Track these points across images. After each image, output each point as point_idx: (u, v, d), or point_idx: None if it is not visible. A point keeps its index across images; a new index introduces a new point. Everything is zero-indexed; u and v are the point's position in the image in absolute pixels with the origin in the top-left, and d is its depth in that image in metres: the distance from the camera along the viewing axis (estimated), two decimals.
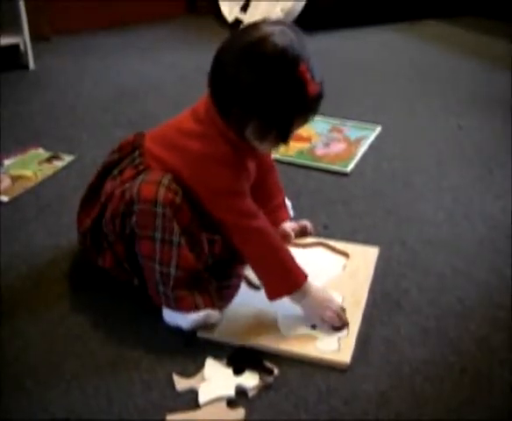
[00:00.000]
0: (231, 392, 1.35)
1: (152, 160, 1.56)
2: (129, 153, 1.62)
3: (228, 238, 1.55)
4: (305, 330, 1.52)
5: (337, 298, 1.60)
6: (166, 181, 1.47)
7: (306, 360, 1.44)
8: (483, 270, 1.74)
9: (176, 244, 1.47)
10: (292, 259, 1.56)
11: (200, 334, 1.51)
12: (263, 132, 1.50)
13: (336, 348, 1.45)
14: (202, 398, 1.34)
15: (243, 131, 1.50)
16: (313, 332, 1.51)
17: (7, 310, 1.63)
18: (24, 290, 1.70)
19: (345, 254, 1.79)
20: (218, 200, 1.53)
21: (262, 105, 1.45)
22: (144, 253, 1.50)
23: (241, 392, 1.36)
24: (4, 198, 2.14)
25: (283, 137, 1.51)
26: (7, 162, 2.40)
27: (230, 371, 1.41)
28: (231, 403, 1.34)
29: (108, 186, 1.60)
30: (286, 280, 1.53)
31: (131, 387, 1.38)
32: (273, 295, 1.54)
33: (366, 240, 1.85)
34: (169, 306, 1.51)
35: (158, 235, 1.47)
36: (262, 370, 1.40)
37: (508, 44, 3.66)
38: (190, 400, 1.35)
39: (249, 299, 1.63)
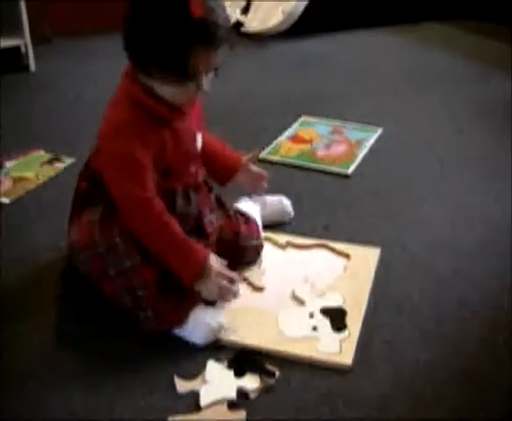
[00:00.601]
0: (233, 394, 1.36)
1: (94, 161, 1.58)
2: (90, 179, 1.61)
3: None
4: (306, 332, 1.52)
5: (339, 300, 1.61)
6: (96, 215, 1.48)
7: (307, 362, 1.44)
8: (484, 273, 1.74)
9: (131, 267, 1.46)
10: (189, 241, 1.51)
11: None
12: (163, 71, 1.43)
13: (337, 350, 1.46)
14: (203, 400, 1.35)
15: (149, 74, 1.45)
16: (314, 334, 1.51)
17: (7, 311, 1.64)
18: (24, 291, 1.70)
19: (346, 256, 1.79)
20: (115, 171, 1.48)
21: (154, 41, 1.39)
22: (110, 295, 1.50)
23: (242, 394, 1.36)
24: (6, 200, 2.14)
25: (183, 72, 1.41)
26: (8, 164, 2.40)
27: (231, 373, 1.41)
28: (233, 405, 1.34)
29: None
30: (190, 260, 1.50)
31: (132, 389, 1.38)
32: (187, 280, 1.50)
33: (367, 242, 1.85)
34: (157, 328, 1.51)
35: (112, 271, 1.47)
36: (263, 372, 1.40)
37: (509, 47, 3.66)
38: (191, 402, 1.35)
39: (250, 301, 1.64)
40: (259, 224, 1.83)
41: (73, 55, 3.80)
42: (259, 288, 1.68)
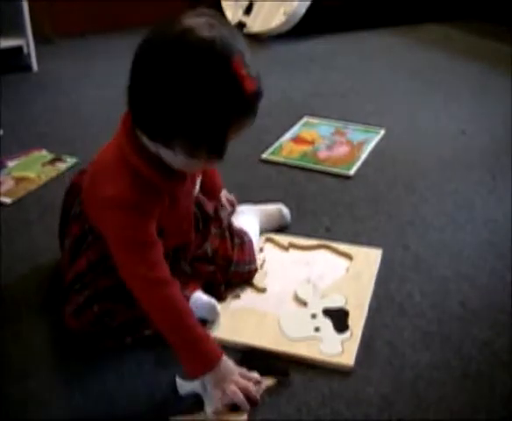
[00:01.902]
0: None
1: (86, 209, 1.49)
2: (70, 206, 1.59)
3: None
4: (308, 332, 1.52)
5: (341, 301, 1.61)
6: (80, 300, 1.47)
7: (309, 363, 1.44)
8: (485, 274, 1.73)
9: (124, 325, 1.47)
10: (207, 337, 1.37)
11: None
12: (193, 147, 1.27)
13: (339, 351, 1.45)
14: (206, 402, 1.34)
15: (169, 148, 1.29)
16: (316, 335, 1.51)
17: (9, 311, 1.64)
18: (26, 292, 1.70)
19: (348, 257, 1.79)
20: (123, 253, 1.37)
21: (193, 111, 1.21)
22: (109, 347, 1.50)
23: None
24: (7, 200, 2.14)
25: (219, 150, 1.27)
26: (10, 164, 2.40)
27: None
28: (235, 406, 1.33)
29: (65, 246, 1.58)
30: (201, 358, 1.33)
31: (134, 390, 1.38)
32: (191, 374, 1.34)
33: (369, 244, 1.85)
34: None
35: (109, 342, 1.49)
36: (278, 372, 1.40)
37: (509, 47, 3.66)
38: (193, 403, 1.35)
39: (252, 302, 1.64)
40: (255, 239, 1.79)
41: (75, 55, 3.81)
42: (261, 290, 1.67)
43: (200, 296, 1.55)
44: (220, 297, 1.61)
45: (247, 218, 1.84)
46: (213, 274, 1.62)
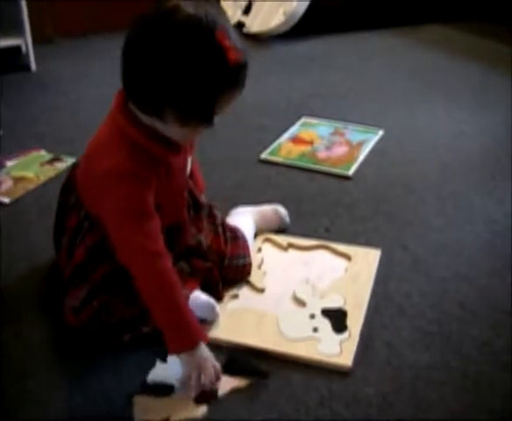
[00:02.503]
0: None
1: (83, 196, 1.53)
2: (66, 198, 1.60)
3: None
4: (307, 333, 1.52)
5: (340, 301, 1.61)
6: (77, 302, 1.48)
7: (307, 363, 1.44)
8: (485, 275, 1.73)
9: (122, 322, 1.48)
10: (190, 315, 1.40)
11: None
12: (184, 116, 1.33)
13: (337, 351, 1.45)
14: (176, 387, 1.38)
15: (161, 118, 1.35)
16: (315, 335, 1.51)
17: (8, 311, 1.64)
18: (24, 291, 1.70)
19: (347, 257, 1.79)
20: (121, 223, 1.39)
21: (178, 85, 1.28)
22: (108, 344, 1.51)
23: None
24: (6, 200, 2.14)
25: (208, 117, 1.34)
26: (9, 164, 2.40)
27: None
28: (199, 400, 1.35)
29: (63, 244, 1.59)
30: (185, 337, 1.37)
31: (132, 390, 1.38)
32: (172, 350, 1.38)
33: (368, 244, 1.85)
34: None
35: (108, 340, 1.49)
36: (256, 374, 1.40)
37: (510, 48, 3.66)
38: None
39: (251, 302, 1.63)
40: (250, 238, 1.79)
41: (74, 55, 3.81)
42: (260, 290, 1.67)
43: (199, 296, 1.54)
44: (218, 296, 1.61)
45: (242, 218, 1.84)
46: (210, 271, 1.61)
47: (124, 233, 1.39)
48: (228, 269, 1.66)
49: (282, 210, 1.93)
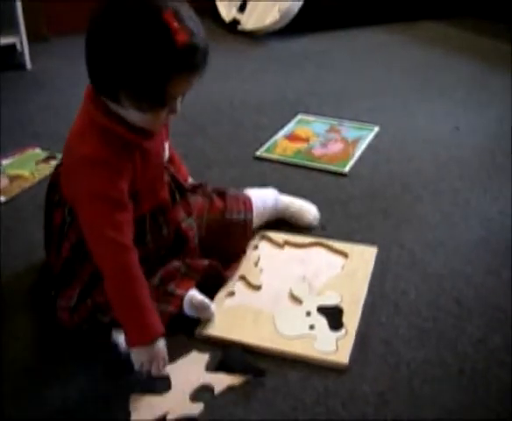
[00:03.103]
0: (195, 386, 1.38)
1: (64, 191, 1.54)
2: (52, 195, 1.61)
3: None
4: (303, 330, 1.52)
5: (336, 298, 1.61)
6: (73, 302, 1.49)
7: (304, 361, 1.44)
8: (481, 272, 1.74)
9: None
10: (151, 311, 1.39)
11: (198, 334, 1.51)
12: (137, 100, 1.33)
13: (334, 349, 1.45)
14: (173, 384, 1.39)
15: (119, 102, 1.35)
16: (311, 333, 1.51)
17: (5, 310, 1.63)
18: (21, 290, 1.70)
19: (344, 254, 1.79)
20: (91, 211, 1.39)
21: (127, 67, 1.28)
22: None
23: (208, 388, 1.38)
24: (2, 198, 2.14)
25: (160, 101, 1.33)
26: (4, 162, 2.39)
27: (202, 366, 1.43)
28: (196, 396, 1.36)
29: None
30: (143, 331, 1.38)
31: (130, 388, 1.38)
32: (130, 343, 1.39)
33: (364, 241, 1.85)
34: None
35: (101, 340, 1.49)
36: (253, 371, 1.40)
37: (506, 45, 3.66)
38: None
39: (247, 299, 1.63)
40: (260, 204, 1.83)
41: (69, 54, 3.78)
42: (256, 287, 1.67)
43: (194, 295, 1.54)
44: (223, 281, 1.66)
45: (263, 190, 1.91)
46: (210, 267, 1.62)
47: (94, 221, 1.39)
48: (230, 224, 1.70)
49: (314, 210, 1.95)
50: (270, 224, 1.90)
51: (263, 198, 1.86)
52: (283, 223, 1.92)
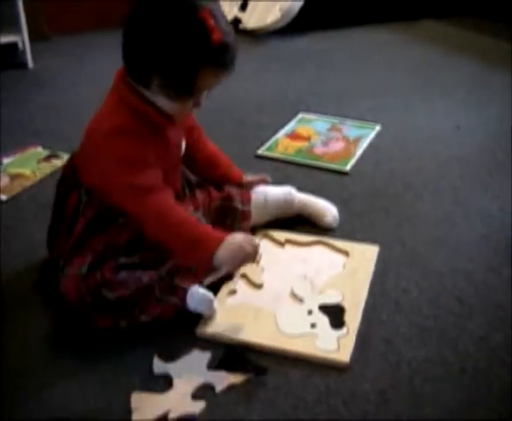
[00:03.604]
0: (197, 384, 1.38)
1: (83, 169, 1.59)
2: (71, 177, 1.63)
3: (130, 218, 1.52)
4: (305, 329, 1.52)
5: (338, 297, 1.61)
6: (84, 269, 1.50)
7: (305, 359, 1.44)
8: (482, 270, 1.73)
9: (122, 302, 1.50)
10: (200, 227, 1.52)
11: (199, 332, 1.51)
12: (167, 87, 1.44)
13: (335, 347, 1.45)
14: (174, 383, 1.39)
15: (150, 87, 1.46)
16: (313, 331, 1.51)
17: (6, 308, 1.63)
18: (22, 289, 1.70)
19: (345, 253, 1.79)
20: (117, 174, 1.47)
21: (161, 54, 1.39)
22: (102, 326, 1.52)
23: (209, 387, 1.38)
24: (3, 197, 2.14)
25: (188, 91, 1.45)
26: (6, 161, 2.40)
27: (204, 364, 1.43)
28: (197, 395, 1.36)
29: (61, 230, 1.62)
30: (198, 251, 1.48)
31: (131, 386, 1.38)
32: (193, 266, 1.54)
33: (366, 239, 1.85)
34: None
35: (99, 311, 1.50)
36: (254, 370, 1.40)
37: (506, 44, 3.66)
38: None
39: (248, 298, 1.63)
40: (255, 197, 1.84)
41: (71, 52, 3.80)
42: (257, 285, 1.67)
43: (197, 290, 1.55)
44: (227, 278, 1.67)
45: (272, 186, 1.92)
46: None
47: (127, 182, 1.46)
48: (229, 209, 1.73)
49: (334, 211, 1.94)
50: (271, 223, 1.90)
51: (266, 192, 1.87)
52: (284, 221, 1.92)
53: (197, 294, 1.54)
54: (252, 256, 1.50)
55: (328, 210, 1.93)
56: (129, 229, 1.54)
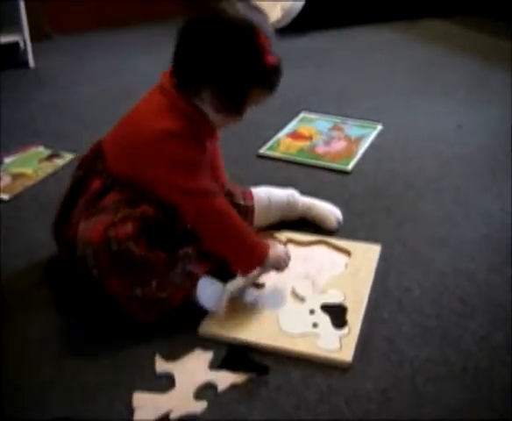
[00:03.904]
0: (199, 384, 1.38)
1: (114, 159, 1.59)
2: (92, 164, 1.63)
3: (186, 219, 1.55)
4: (306, 328, 1.52)
5: (340, 296, 1.61)
6: (116, 219, 1.48)
7: (307, 359, 1.44)
8: (484, 269, 1.73)
9: (144, 264, 1.49)
10: (252, 233, 1.59)
11: (201, 332, 1.51)
12: (218, 100, 1.50)
13: (337, 347, 1.45)
14: (176, 382, 1.38)
15: (199, 97, 1.51)
16: (315, 331, 1.51)
17: (7, 308, 1.63)
18: (23, 289, 1.70)
19: (347, 252, 1.79)
20: (174, 176, 1.51)
21: (217, 69, 1.45)
22: (114, 291, 1.51)
23: (211, 386, 1.38)
24: (5, 196, 2.14)
25: (237, 107, 1.53)
26: (7, 160, 2.40)
27: (206, 364, 1.43)
28: (199, 394, 1.36)
29: (80, 204, 1.61)
30: (251, 256, 1.56)
31: (132, 385, 1.38)
32: (243, 271, 1.58)
33: (367, 239, 1.85)
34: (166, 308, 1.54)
35: (121, 268, 1.48)
36: (256, 369, 1.40)
37: (508, 43, 3.66)
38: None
39: (250, 297, 1.63)
40: (263, 196, 1.87)
41: (72, 52, 3.81)
42: (259, 285, 1.67)
43: (209, 282, 1.57)
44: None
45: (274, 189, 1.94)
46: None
47: (181, 183, 1.51)
48: (231, 205, 1.69)
49: (337, 214, 1.94)
50: (274, 225, 1.90)
51: (270, 193, 1.88)
52: (287, 223, 1.91)
53: (209, 286, 1.56)
54: (287, 263, 1.62)
55: (332, 214, 1.92)
56: (159, 208, 1.54)
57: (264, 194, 1.87)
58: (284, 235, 1.86)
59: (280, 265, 1.61)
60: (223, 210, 1.55)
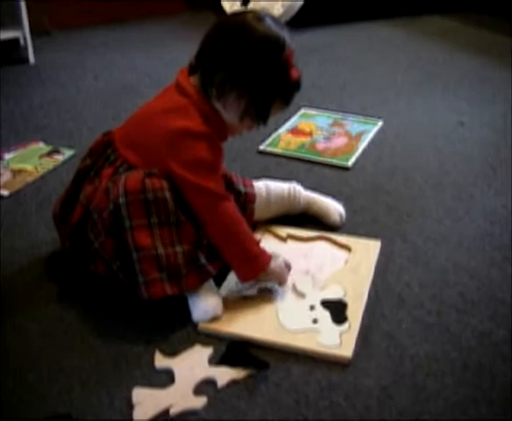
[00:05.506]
0: (199, 379, 1.38)
1: (127, 150, 1.60)
2: (101, 154, 1.63)
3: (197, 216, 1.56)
4: (307, 324, 1.51)
5: (340, 292, 1.61)
6: (150, 173, 1.50)
7: (307, 355, 1.43)
8: (484, 265, 1.73)
9: (175, 223, 1.50)
10: (257, 243, 1.61)
11: (201, 328, 1.51)
12: (242, 107, 1.56)
13: (337, 343, 1.45)
14: (176, 378, 1.38)
15: (221, 101, 1.56)
16: (315, 327, 1.50)
17: (7, 305, 1.63)
18: (24, 285, 1.70)
19: (347, 248, 1.79)
20: (191, 175, 1.52)
21: (246, 78, 1.52)
22: (140, 244, 1.47)
23: (211, 382, 1.38)
24: (5, 192, 2.13)
25: (261, 115, 1.58)
26: (8, 156, 2.39)
27: (205, 359, 1.43)
28: (199, 390, 1.36)
29: (87, 188, 1.60)
30: (253, 264, 1.57)
31: (132, 382, 1.38)
32: (243, 278, 1.59)
33: (367, 235, 1.84)
34: (168, 291, 1.50)
35: (154, 220, 1.48)
36: (256, 364, 1.40)
37: (509, 39, 3.65)
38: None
39: (250, 293, 1.63)
40: (263, 188, 1.88)
41: (72, 48, 3.80)
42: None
43: (207, 290, 1.56)
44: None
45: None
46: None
47: (195, 183, 1.52)
48: (231, 192, 1.71)
49: (340, 210, 1.94)
50: (274, 219, 1.90)
51: (270, 184, 1.89)
52: (287, 218, 1.91)
53: (200, 302, 1.55)
54: (286, 277, 1.63)
55: (334, 209, 1.92)
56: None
57: (263, 184, 1.89)
58: (284, 231, 1.86)
59: (281, 277, 1.61)
60: (232, 216, 1.57)
